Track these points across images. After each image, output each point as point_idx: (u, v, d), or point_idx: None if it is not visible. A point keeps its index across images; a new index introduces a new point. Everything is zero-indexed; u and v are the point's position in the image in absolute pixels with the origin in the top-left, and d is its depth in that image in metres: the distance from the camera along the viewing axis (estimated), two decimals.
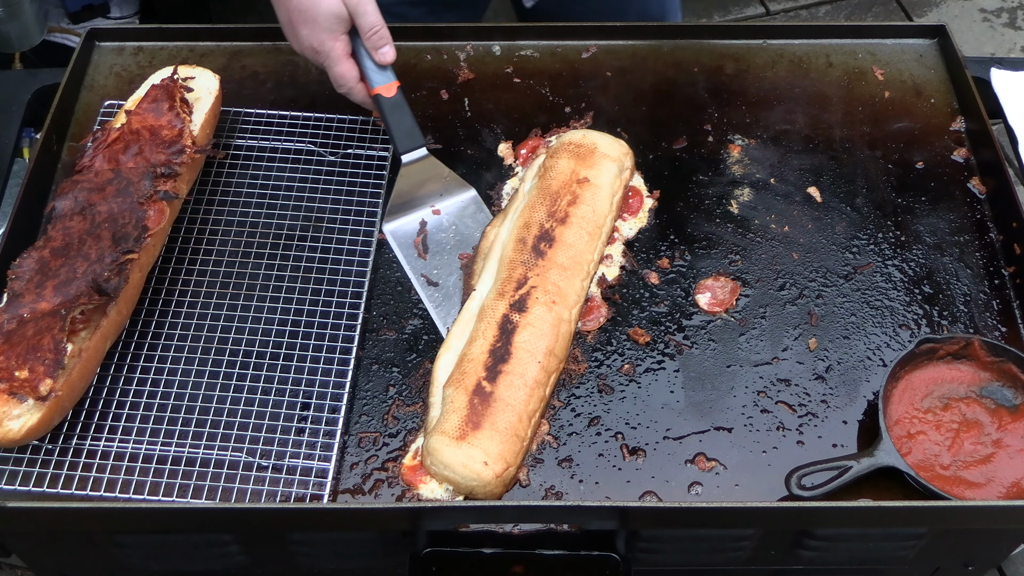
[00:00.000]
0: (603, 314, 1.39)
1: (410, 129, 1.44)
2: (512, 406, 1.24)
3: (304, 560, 1.36)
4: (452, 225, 1.48)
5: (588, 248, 1.39)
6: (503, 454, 1.22)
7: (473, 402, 1.24)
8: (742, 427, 1.30)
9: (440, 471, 1.22)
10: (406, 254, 1.44)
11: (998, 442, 1.26)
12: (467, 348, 1.30)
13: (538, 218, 1.39)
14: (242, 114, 1.57)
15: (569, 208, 1.40)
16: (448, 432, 1.22)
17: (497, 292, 1.34)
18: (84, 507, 1.20)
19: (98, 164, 1.37)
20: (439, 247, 1.45)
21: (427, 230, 1.46)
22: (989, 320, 1.40)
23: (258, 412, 1.28)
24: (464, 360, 1.29)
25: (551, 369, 1.30)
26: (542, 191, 1.43)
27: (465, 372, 1.27)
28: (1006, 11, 3.49)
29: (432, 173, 1.47)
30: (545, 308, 1.31)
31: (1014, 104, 1.63)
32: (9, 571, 2.02)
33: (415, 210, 1.48)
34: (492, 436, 1.22)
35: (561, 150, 1.47)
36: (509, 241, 1.39)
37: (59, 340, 1.19)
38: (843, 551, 1.35)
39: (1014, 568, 2.28)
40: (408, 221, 1.47)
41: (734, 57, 1.69)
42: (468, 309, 1.36)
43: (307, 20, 1.39)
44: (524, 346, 1.28)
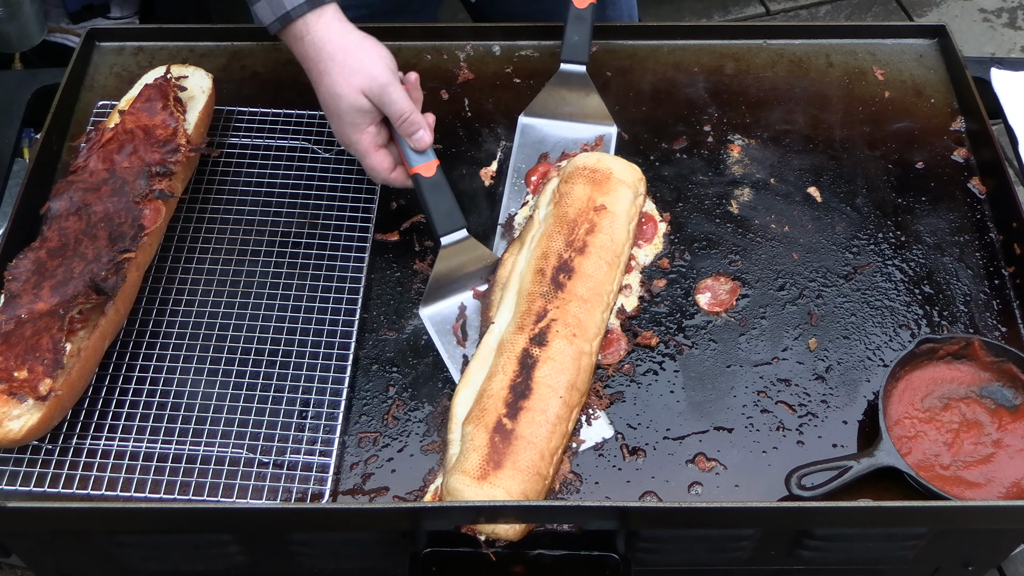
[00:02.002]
0: (623, 346, 1.36)
1: (450, 210, 1.37)
2: (534, 444, 1.21)
3: (304, 560, 1.36)
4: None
5: (607, 278, 1.36)
6: (526, 493, 1.19)
7: (494, 440, 1.21)
8: (742, 427, 1.30)
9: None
10: (444, 340, 1.37)
11: (998, 442, 1.26)
12: (486, 384, 1.27)
13: (556, 248, 1.36)
14: (236, 112, 1.57)
15: (587, 237, 1.36)
16: (469, 472, 1.19)
17: (516, 326, 1.30)
18: (84, 507, 1.20)
19: (93, 164, 1.37)
20: (477, 331, 1.38)
21: (466, 315, 1.39)
22: (989, 320, 1.39)
23: (257, 410, 1.29)
24: (484, 396, 1.25)
25: (573, 404, 1.27)
26: (559, 219, 1.39)
27: (485, 409, 1.24)
28: (1006, 11, 3.49)
29: (471, 254, 1.40)
30: (566, 341, 1.28)
31: (1014, 104, 1.63)
32: (9, 571, 2.02)
33: (454, 294, 1.40)
34: (514, 476, 1.19)
35: (576, 175, 1.43)
36: (527, 272, 1.36)
37: (58, 340, 1.19)
38: (843, 551, 1.35)
39: (1014, 568, 2.28)
40: (446, 305, 1.40)
41: (734, 57, 1.69)
42: (486, 343, 1.32)
43: (333, 116, 1.37)
44: (545, 381, 1.25)
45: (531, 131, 1.51)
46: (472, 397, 1.27)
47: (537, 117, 1.53)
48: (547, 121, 1.52)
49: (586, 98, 1.53)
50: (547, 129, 1.53)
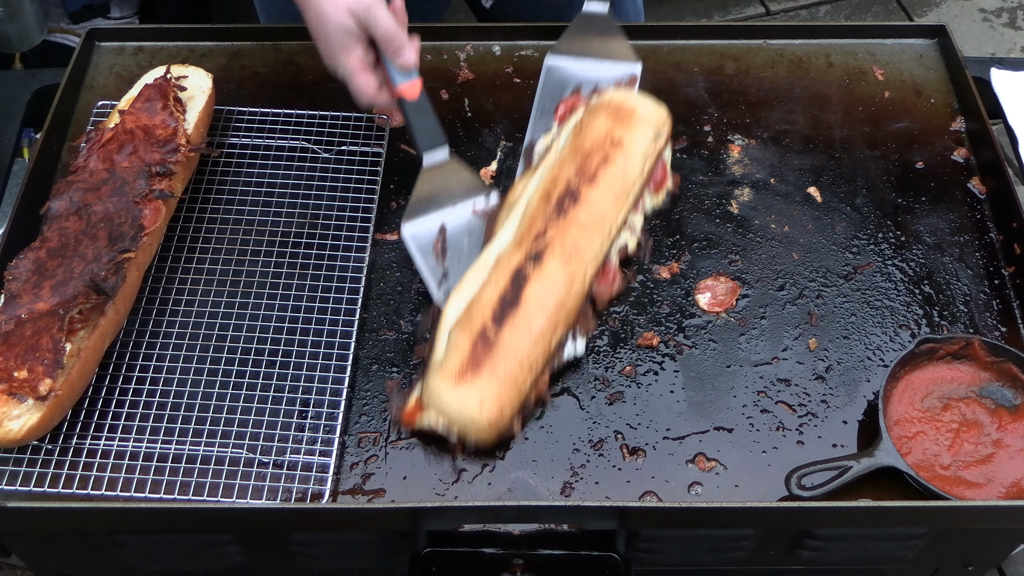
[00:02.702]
0: (618, 282, 1.39)
1: (432, 130, 1.42)
2: (514, 355, 1.24)
3: (304, 560, 1.36)
4: (471, 228, 1.45)
5: (613, 210, 1.37)
6: (499, 399, 1.22)
7: (476, 346, 1.23)
8: (742, 427, 1.30)
9: (436, 409, 1.23)
10: (424, 257, 1.41)
11: (998, 442, 1.26)
12: (478, 294, 1.29)
13: (566, 175, 1.37)
14: (236, 112, 1.57)
15: (599, 168, 1.37)
16: (449, 372, 1.22)
17: (515, 243, 1.33)
18: (84, 507, 1.20)
19: (92, 164, 1.37)
20: (457, 250, 1.42)
21: (446, 234, 1.43)
22: (989, 320, 1.39)
23: (257, 410, 1.28)
24: (473, 305, 1.28)
25: (559, 323, 1.28)
26: (575, 148, 1.40)
27: (472, 316, 1.26)
28: (1006, 11, 3.50)
29: (453, 175, 1.44)
30: (560, 262, 1.30)
31: (1014, 104, 1.63)
32: (9, 571, 2.02)
33: (434, 212, 1.45)
34: (491, 381, 1.22)
35: (600, 109, 1.44)
36: (535, 195, 1.37)
37: (58, 340, 1.19)
38: (843, 551, 1.35)
39: (1014, 568, 2.28)
40: (427, 223, 1.44)
41: (734, 57, 1.69)
42: (485, 257, 1.34)
43: (320, 39, 1.39)
44: (534, 298, 1.27)
45: (557, 71, 1.50)
46: (463, 305, 1.29)
47: (563, 56, 1.52)
48: (573, 60, 1.51)
49: (611, 37, 1.53)
50: (573, 68, 1.52)
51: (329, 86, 1.63)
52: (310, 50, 1.67)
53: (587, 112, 1.46)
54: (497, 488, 1.25)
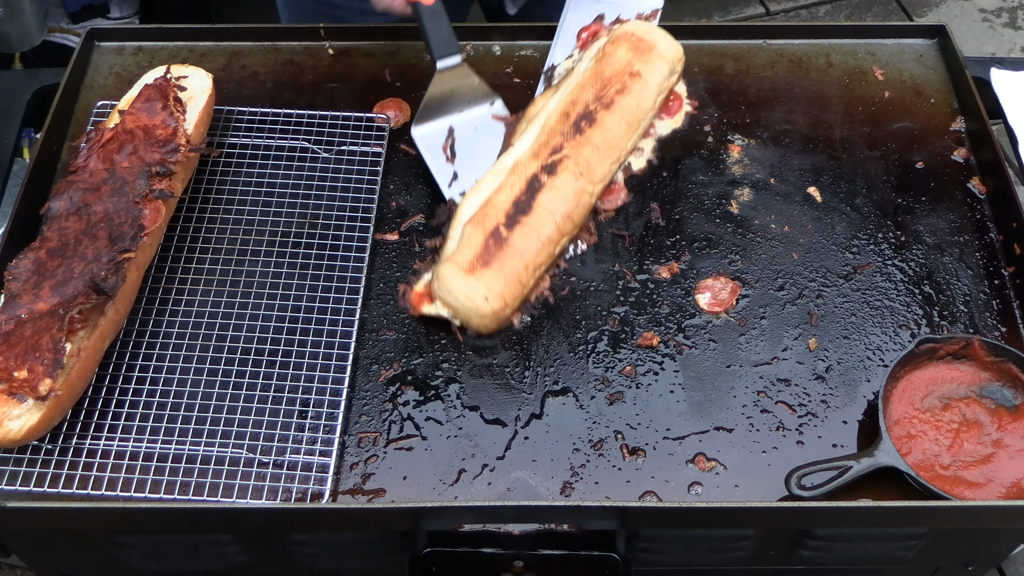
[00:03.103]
0: (622, 197, 1.49)
1: (446, 37, 1.46)
2: (522, 254, 1.34)
3: (304, 560, 1.36)
4: (479, 132, 1.51)
5: (624, 136, 1.46)
6: (504, 294, 1.32)
7: (488, 242, 1.33)
8: (742, 427, 1.30)
9: (445, 296, 1.32)
10: (434, 158, 1.48)
11: (998, 442, 1.26)
12: (494, 195, 1.37)
13: (585, 98, 1.45)
14: (236, 112, 1.57)
15: (616, 96, 1.45)
16: (460, 263, 1.32)
17: (532, 153, 1.41)
18: (84, 507, 1.20)
19: (93, 164, 1.37)
20: (466, 153, 1.49)
21: (455, 136, 1.49)
22: (989, 320, 1.39)
23: (257, 410, 1.29)
24: (489, 205, 1.36)
25: (565, 232, 1.38)
26: (596, 74, 1.47)
27: (487, 215, 1.35)
28: (1006, 11, 3.50)
29: (463, 81, 1.49)
30: (572, 176, 1.39)
31: (1014, 104, 1.63)
32: (9, 571, 2.02)
33: (443, 116, 1.51)
34: (498, 276, 1.32)
35: (623, 39, 1.51)
36: (554, 112, 1.45)
37: (58, 340, 1.19)
38: (843, 551, 1.35)
39: (1014, 568, 2.28)
40: (437, 127, 1.50)
41: (734, 57, 1.69)
42: (502, 162, 1.42)
43: None
44: (545, 205, 1.36)
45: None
46: (478, 204, 1.38)
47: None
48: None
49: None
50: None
51: (329, 86, 1.63)
52: (310, 50, 1.68)
53: (610, 40, 1.52)
54: (497, 488, 1.25)
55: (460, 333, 1.36)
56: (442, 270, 1.33)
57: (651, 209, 1.50)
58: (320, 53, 1.68)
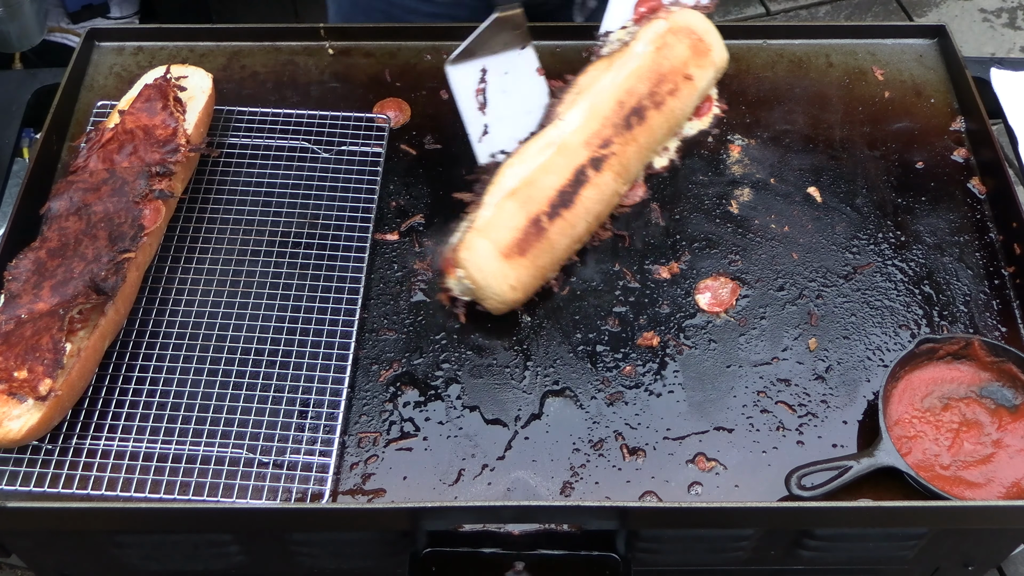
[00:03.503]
0: (640, 194, 1.50)
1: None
2: (554, 250, 1.36)
3: (304, 560, 1.36)
4: (509, 77, 1.49)
5: (663, 138, 1.50)
6: (528, 286, 1.34)
7: (528, 229, 1.33)
8: (742, 427, 1.30)
9: (473, 271, 1.31)
10: (466, 102, 1.46)
11: (998, 442, 1.26)
12: (541, 175, 1.36)
13: (640, 91, 1.45)
14: (236, 112, 1.57)
15: (667, 96, 1.47)
16: (497, 244, 1.31)
17: (584, 139, 1.40)
18: (84, 507, 1.20)
19: (93, 164, 1.37)
20: (497, 103, 1.47)
21: (487, 79, 1.47)
22: (989, 320, 1.39)
23: (257, 410, 1.29)
24: (535, 185, 1.35)
25: (591, 232, 1.41)
26: (653, 68, 1.47)
27: (531, 197, 1.34)
28: (1006, 11, 3.50)
29: (506, 26, 1.47)
30: (612, 176, 1.40)
31: (1014, 104, 1.63)
32: (9, 571, 2.02)
33: (480, 59, 1.48)
34: (529, 268, 1.33)
35: (684, 34, 1.51)
36: (609, 96, 1.44)
37: (58, 340, 1.19)
38: (843, 551, 1.35)
39: (1014, 568, 2.28)
40: (470, 67, 1.47)
41: (734, 57, 1.68)
42: (549, 134, 1.41)
43: None
44: (585, 202, 1.37)
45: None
46: (523, 176, 1.36)
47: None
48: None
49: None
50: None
51: (329, 86, 1.63)
52: (310, 50, 1.68)
53: (671, 30, 1.51)
54: (497, 488, 1.25)
55: (463, 314, 1.36)
56: (478, 245, 1.31)
57: (651, 209, 1.50)
58: (320, 53, 1.68)
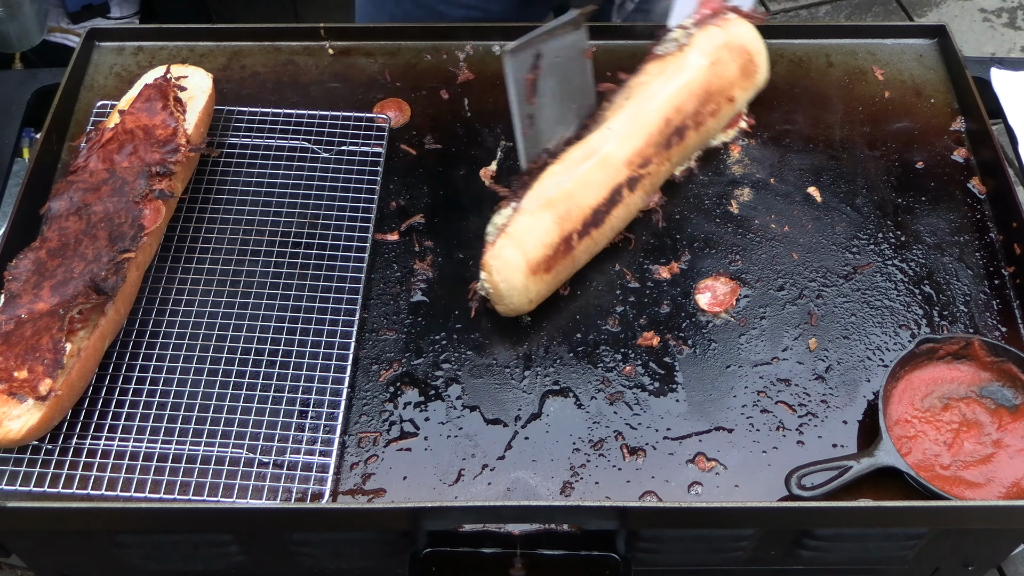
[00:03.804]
0: (656, 199, 1.49)
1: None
2: (575, 265, 1.38)
3: (304, 560, 1.36)
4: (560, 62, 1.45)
5: (691, 155, 1.53)
6: (543, 298, 1.37)
7: (559, 247, 1.34)
8: (742, 427, 1.30)
9: (497, 281, 1.32)
10: (517, 87, 1.41)
11: (998, 442, 1.26)
12: (579, 188, 1.37)
13: (686, 110, 1.47)
14: (236, 112, 1.57)
15: (708, 118, 1.50)
16: (528, 258, 1.32)
17: (626, 157, 1.41)
18: (84, 507, 1.20)
19: (93, 164, 1.37)
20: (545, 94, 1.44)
21: (541, 65, 1.42)
22: (989, 320, 1.39)
23: (257, 410, 1.28)
24: (573, 199, 1.36)
25: (602, 248, 1.42)
26: (703, 85, 1.48)
27: (569, 213, 1.35)
28: (1006, 11, 3.50)
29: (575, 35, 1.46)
30: (642, 195, 1.43)
31: (1014, 104, 1.63)
32: (9, 571, 2.02)
33: (536, 46, 1.42)
34: (550, 283, 1.36)
35: (738, 53, 1.52)
36: (657, 111, 1.45)
37: (58, 340, 1.19)
38: (843, 551, 1.35)
39: (1014, 568, 2.28)
40: (527, 52, 1.41)
41: None
42: (593, 140, 1.42)
43: None
44: (613, 221, 1.40)
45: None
46: (563, 187, 1.37)
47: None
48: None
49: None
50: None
51: (329, 86, 1.63)
52: (310, 50, 1.68)
53: (727, 46, 1.52)
54: (497, 488, 1.25)
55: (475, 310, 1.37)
56: (510, 257, 1.32)
57: (651, 209, 1.50)
58: (320, 53, 1.68)
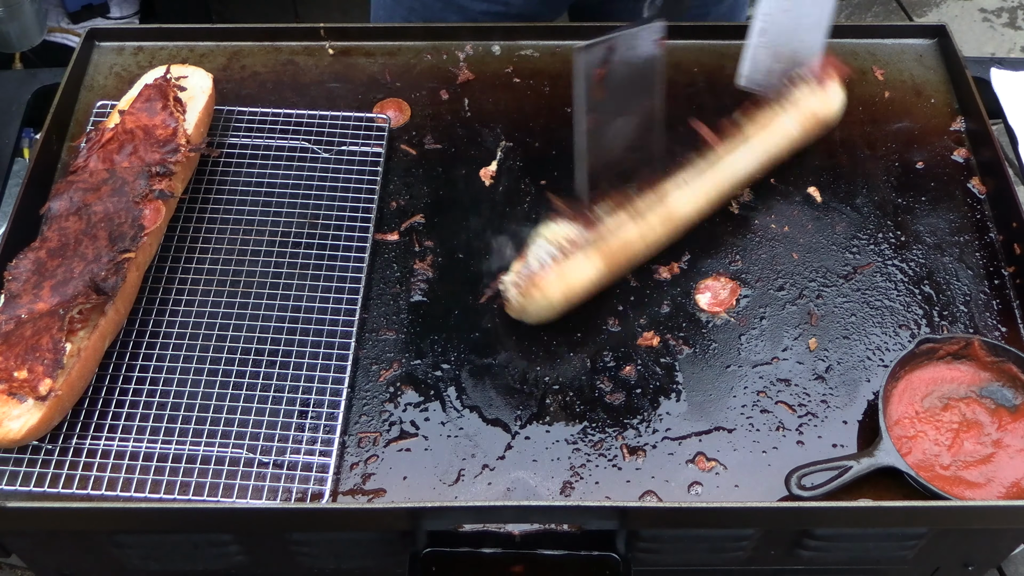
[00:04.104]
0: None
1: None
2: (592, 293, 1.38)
3: (304, 560, 1.36)
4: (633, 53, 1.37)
5: None
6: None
7: (598, 286, 1.36)
8: (742, 427, 1.30)
9: (529, 305, 1.32)
10: (581, 83, 1.32)
11: (998, 442, 1.26)
12: (638, 239, 1.38)
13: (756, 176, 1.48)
14: (236, 112, 1.57)
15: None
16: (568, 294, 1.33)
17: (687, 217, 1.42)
18: (84, 507, 1.20)
19: (92, 164, 1.37)
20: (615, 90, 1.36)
21: (612, 59, 1.33)
22: (989, 320, 1.39)
23: (257, 410, 1.28)
24: (628, 247, 1.38)
25: None
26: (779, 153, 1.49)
27: (620, 263, 1.37)
28: (1006, 11, 3.50)
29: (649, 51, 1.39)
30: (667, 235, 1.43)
31: (1014, 104, 1.63)
32: (9, 571, 2.02)
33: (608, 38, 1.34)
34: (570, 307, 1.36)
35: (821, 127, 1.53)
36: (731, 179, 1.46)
37: (58, 340, 1.19)
38: (843, 551, 1.35)
39: (1014, 568, 2.28)
40: (600, 46, 1.32)
41: (734, 57, 1.68)
42: (670, 198, 1.41)
43: None
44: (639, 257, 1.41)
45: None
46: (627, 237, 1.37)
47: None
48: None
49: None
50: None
51: (329, 86, 1.63)
52: (310, 50, 1.68)
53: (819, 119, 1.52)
54: (497, 488, 1.25)
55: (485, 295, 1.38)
56: (551, 293, 1.32)
57: None
58: (320, 53, 1.68)
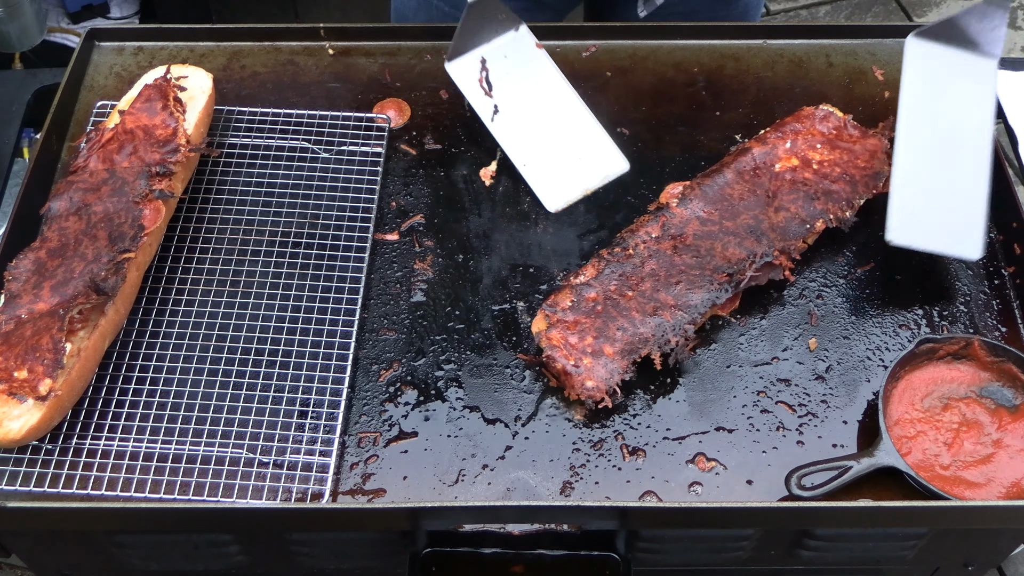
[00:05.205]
0: None
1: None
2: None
3: (304, 560, 1.36)
4: (509, 60, 1.55)
5: None
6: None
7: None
8: (742, 427, 1.30)
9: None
10: (472, 92, 1.53)
11: (998, 442, 1.26)
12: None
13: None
14: (236, 112, 1.57)
15: None
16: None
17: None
18: (84, 507, 1.20)
19: (93, 164, 1.37)
20: (502, 84, 1.53)
21: (487, 67, 1.53)
22: (989, 320, 1.39)
23: (257, 410, 1.29)
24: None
25: None
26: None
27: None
28: None
29: (490, 12, 1.52)
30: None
31: (1014, 104, 1.63)
32: (9, 571, 2.02)
33: (474, 48, 1.54)
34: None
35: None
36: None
37: (58, 340, 1.19)
38: (843, 551, 1.35)
39: (1014, 568, 2.28)
40: (468, 59, 1.54)
41: (734, 57, 1.68)
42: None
43: None
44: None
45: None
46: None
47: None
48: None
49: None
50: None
51: (329, 86, 1.63)
52: (310, 50, 1.68)
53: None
54: (497, 488, 1.25)
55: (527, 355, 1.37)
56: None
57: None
58: (320, 53, 1.68)
